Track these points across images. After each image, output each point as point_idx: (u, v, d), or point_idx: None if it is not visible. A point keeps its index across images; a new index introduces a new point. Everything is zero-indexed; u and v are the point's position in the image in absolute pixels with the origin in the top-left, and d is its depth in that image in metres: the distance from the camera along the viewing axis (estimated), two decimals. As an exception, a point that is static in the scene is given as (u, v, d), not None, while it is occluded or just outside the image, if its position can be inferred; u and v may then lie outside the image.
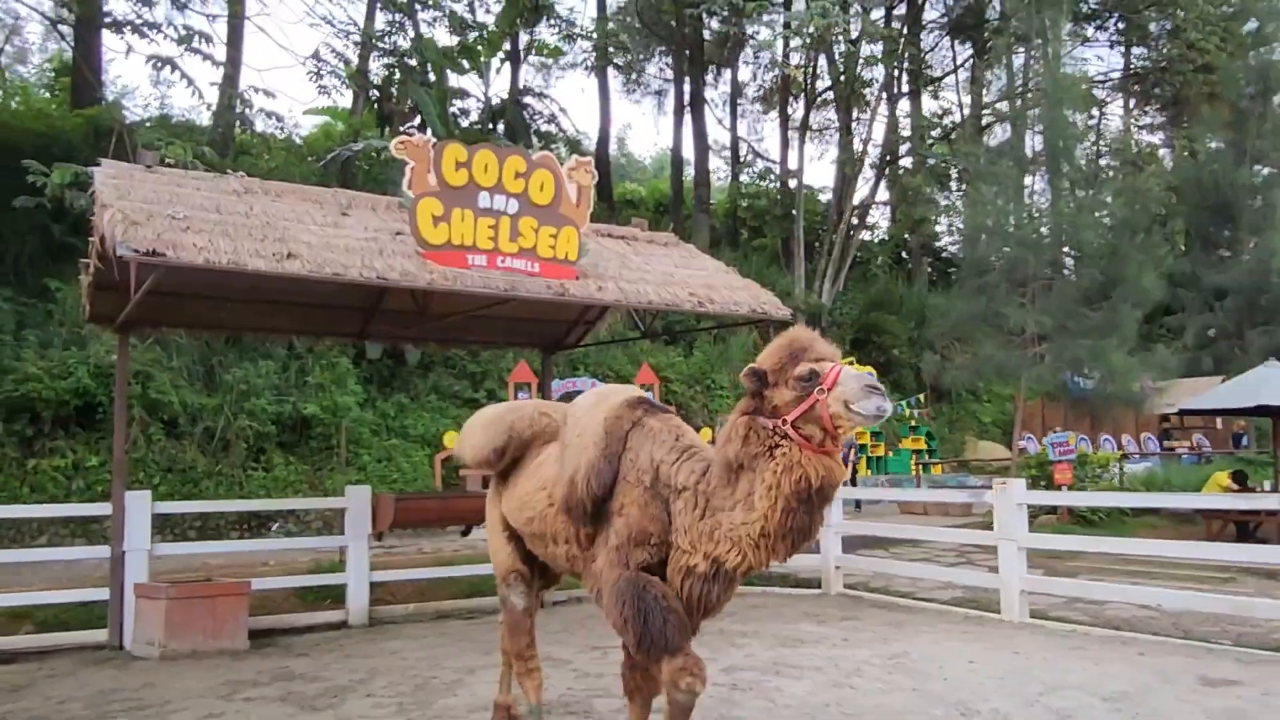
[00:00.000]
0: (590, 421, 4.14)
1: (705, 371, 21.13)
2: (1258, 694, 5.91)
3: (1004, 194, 19.45)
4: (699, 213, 25.22)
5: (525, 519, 4.49)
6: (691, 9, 21.56)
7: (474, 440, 4.87)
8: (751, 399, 3.56)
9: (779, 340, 3.60)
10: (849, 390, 3.31)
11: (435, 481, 16.50)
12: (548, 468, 4.38)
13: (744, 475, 3.53)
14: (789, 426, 3.37)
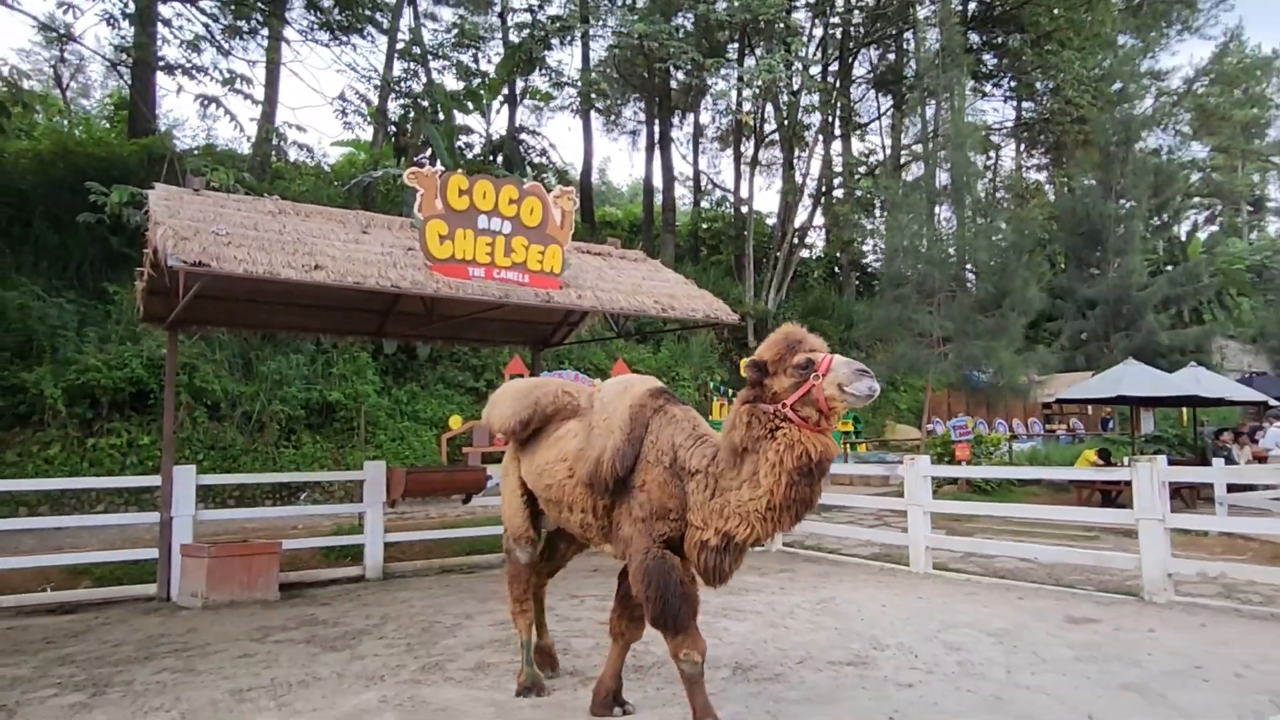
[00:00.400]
0: (617, 407, 4.01)
1: (670, 366, 21.14)
2: (1110, 629, 6.06)
3: (916, 220, 19.56)
4: (665, 233, 25.20)
5: (544, 485, 4.32)
6: (660, 63, 21.54)
7: (503, 410, 4.57)
8: (751, 389, 3.48)
9: (776, 335, 3.52)
10: (842, 375, 3.27)
11: (441, 457, 16.38)
12: (568, 442, 4.21)
13: (748, 458, 3.45)
14: (789, 410, 3.32)
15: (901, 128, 29.46)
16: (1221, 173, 42.73)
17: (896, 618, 6.52)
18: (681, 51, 20.20)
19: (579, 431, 4.18)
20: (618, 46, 23.79)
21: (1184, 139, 37.09)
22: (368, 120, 23.01)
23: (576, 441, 4.14)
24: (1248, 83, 40.10)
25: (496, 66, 23.78)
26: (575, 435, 4.18)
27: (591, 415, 4.18)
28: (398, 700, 4.52)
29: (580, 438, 4.14)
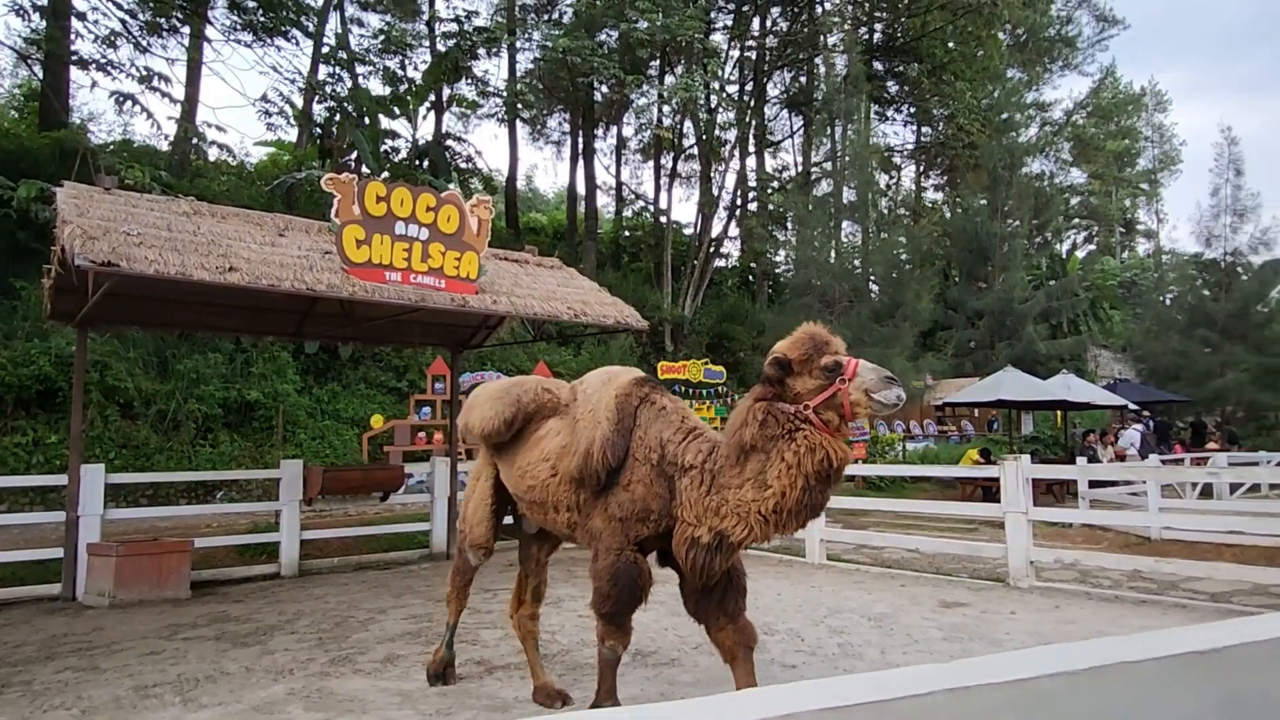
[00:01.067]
0: (602, 398, 3.75)
1: (590, 367, 21.07)
2: (978, 612, 6.48)
3: (823, 235, 20.29)
4: (588, 240, 25.29)
5: (526, 487, 3.97)
6: (583, 77, 21.65)
7: (484, 412, 4.12)
8: (770, 386, 3.27)
9: (801, 334, 3.30)
10: (869, 381, 3.12)
11: (362, 456, 16.08)
12: (550, 440, 3.91)
13: (754, 456, 3.24)
14: (810, 412, 3.13)
15: (812, 146, 30.35)
16: (1097, 198, 45.47)
17: (789, 605, 6.79)
18: (604, 67, 20.35)
19: (560, 429, 3.92)
20: (543, 60, 23.79)
21: (1064, 166, 39.37)
22: (290, 122, 22.34)
23: (559, 439, 3.87)
24: (1120, 117, 42.87)
25: (423, 74, 23.43)
26: (557, 433, 3.91)
27: (576, 409, 3.91)
28: (305, 692, 4.52)
29: (562, 435, 3.88)
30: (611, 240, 29.32)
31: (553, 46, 21.04)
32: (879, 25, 27.54)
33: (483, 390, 4.44)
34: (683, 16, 20.34)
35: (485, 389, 4.42)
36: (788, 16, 26.18)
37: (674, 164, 27.04)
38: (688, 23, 19.94)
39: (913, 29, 24.80)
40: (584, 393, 3.95)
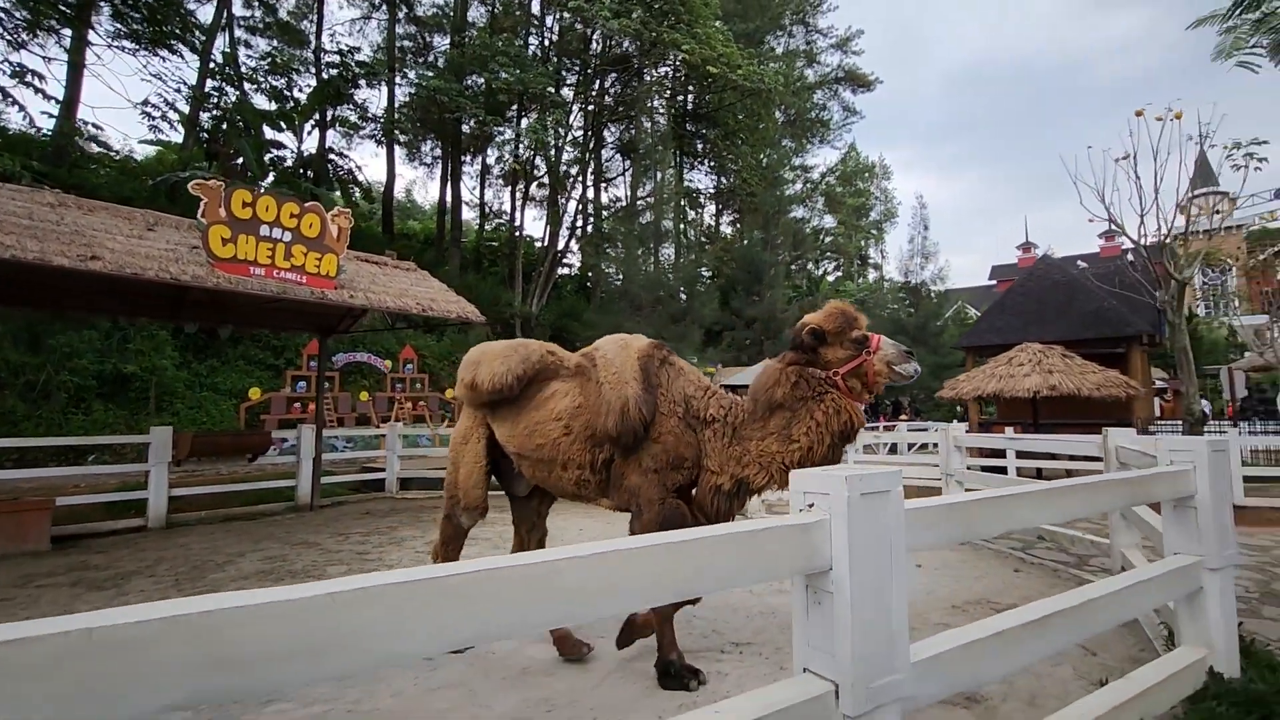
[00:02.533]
0: (624, 361, 3.29)
1: (450, 352, 20.66)
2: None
3: (644, 254, 20.93)
4: (453, 247, 24.51)
5: (534, 445, 3.39)
6: (450, 114, 20.88)
7: (494, 368, 3.50)
8: (802, 353, 3.02)
9: (833, 308, 3.08)
10: (890, 354, 2.97)
11: (240, 423, 14.79)
12: (559, 401, 3.39)
13: (779, 413, 2.99)
14: (839, 378, 2.95)
15: (638, 184, 31.01)
16: (842, 238, 49.96)
17: (588, 538, 7.07)
18: (469, 107, 19.77)
19: (569, 390, 3.41)
20: (416, 95, 22.68)
21: (819, 213, 42.88)
22: (172, 125, 19.87)
23: (568, 400, 3.37)
24: (858, 180, 47.30)
25: (309, 95, 21.64)
26: (565, 394, 3.41)
27: (595, 373, 3.36)
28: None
29: (572, 396, 3.38)
30: (475, 248, 28.51)
31: (425, 86, 20.09)
32: (690, 96, 28.64)
33: (485, 349, 3.72)
34: (535, 73, 20.15)
35: (487, 348, 3.72)
36: (620, 81, 26.58)
37: (525, 190, 26.73)
38: (538, 78, 19.77)
39: (713, 102, 26.04)
40: (603, 357, 3.38)
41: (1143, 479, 2.68)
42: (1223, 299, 34.17)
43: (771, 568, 1.56)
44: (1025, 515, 2.12)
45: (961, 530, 1.90)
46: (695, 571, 1.46)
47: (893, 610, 1.65)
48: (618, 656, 3.73)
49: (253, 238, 6.72)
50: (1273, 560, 6.27)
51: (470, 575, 1.18)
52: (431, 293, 8.67)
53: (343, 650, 1.06)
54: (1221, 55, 4.21)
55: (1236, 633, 2.93)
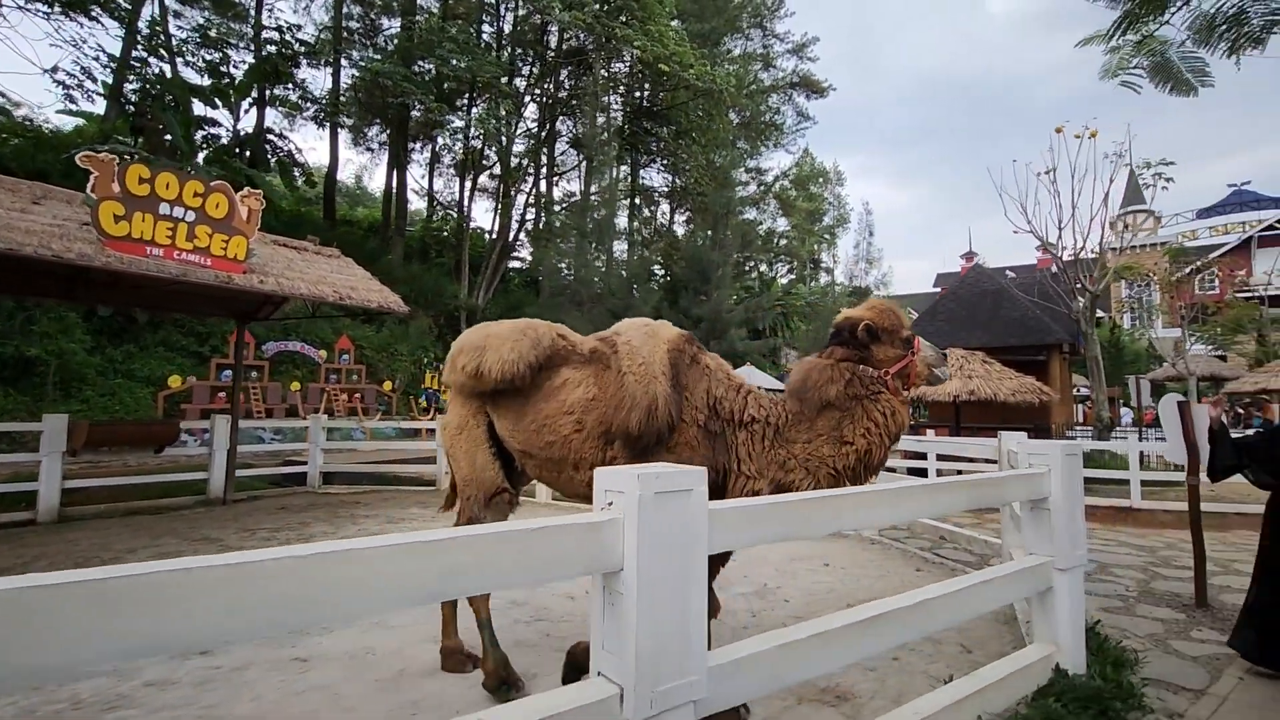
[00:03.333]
0: (653, 352, 2.93)
1: (390, 343, 20.13)
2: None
3: (596, 249, 20.78)
4: (397, 235, 23.87)
5: (544, 443, 2.97)
6: (395, 99, 20.30)
7: (503, 354, 3.01)
8: (854, 350, 2.86)
9: (884, 305, 2.97)
10: (930, 356, 2.94)
11: (157, 413, 14.06)
12: (571, 391, 2.97)
13: (828, 414, 2.78)
14: (890, 378, 2.81)
15: (591, 180, 30.83)
16: (795, 241, 50.79)
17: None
18: (414, 93, 19.26)
19: (581, 380, 2.99)
20: (361, 79, 21.98)
21: (773, 216, 43.46)
22: (88, 96, 18.73)
23: (581, 390, 2.95)
24: (811, 185, 48.16)
25: (245, 72, 20.72)
26: (578, 384, 2.98)
27: (618, 360, 2.95)
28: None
29: (585, 386, 2.96)
30: (422, 238, 27.86)
31: (369, 69, 19.48)
32: (645, 93, 28.58)
33: (488, 332, 3.20)
34: (485, 62, 19.77)
35: (490, 330, 3.21)
36: (574, 76, 26.33)
37: (475, 180, 26.23)
38: (488, 67, 19.40)
39: (666, 100, 26.05)
40: (627, 344, 3.00)
41: (992, 481, 2.74)
42: (1145, 312, 36.08)
43: (558, 567, 1.50)
44: (857, 516, 2.12)
45: (780, 530, 1.88)
46: (468, 570, 1.39)
47: (690, 613, 1.61)
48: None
49: (150, 216, 6.35)
50: (1158, 560, 6.61)
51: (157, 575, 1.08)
52: (352, 280, 8.38)
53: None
54: (1107, 74, 4.36)
55: (1083, 630, 3.03)
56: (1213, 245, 40.68)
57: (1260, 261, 38.50)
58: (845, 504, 2.04)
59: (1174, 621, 4.71)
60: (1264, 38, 3.86)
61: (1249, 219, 43.20)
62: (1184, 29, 4.04)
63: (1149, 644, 4.29)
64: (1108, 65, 4.36)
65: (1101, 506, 8.80)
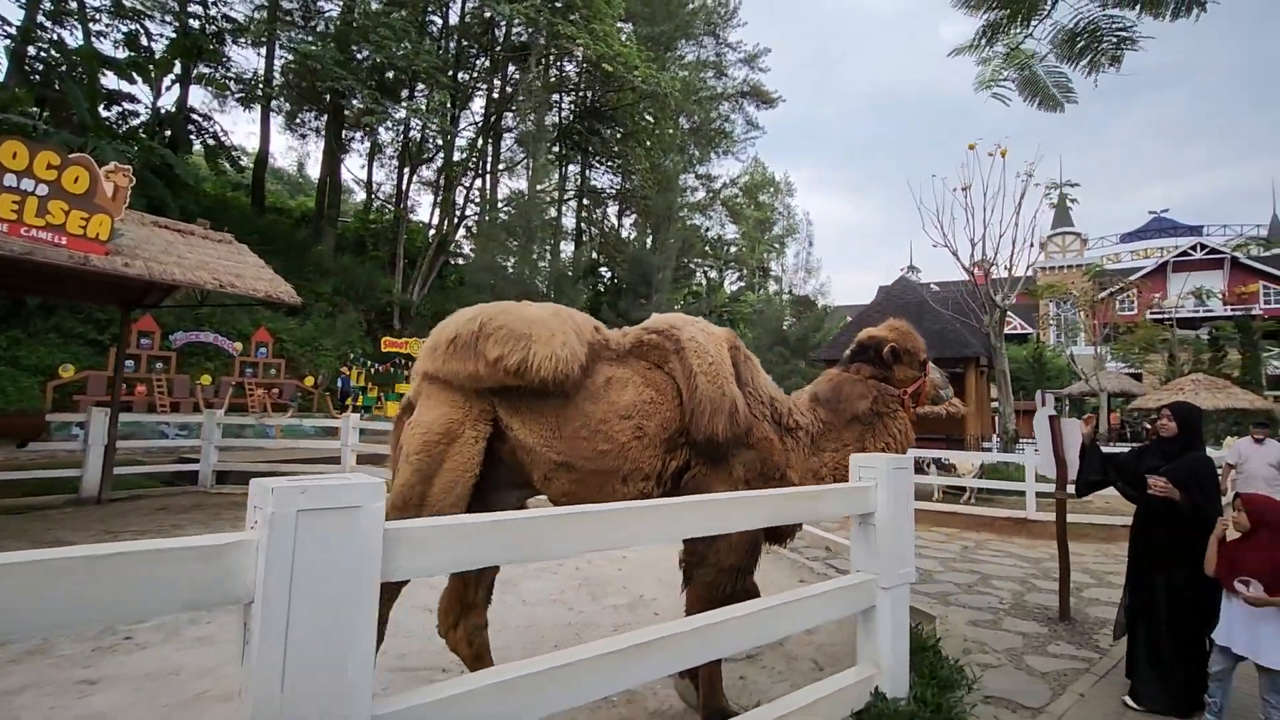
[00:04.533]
0: (719, 350, 2.77)
1: (315, 337, 19.27)
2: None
3: (542, 247, 20.40)
4: (327, 226, 22.92)
5: (596, 452, 2.56)
6: (326, 83, 19.46)
7: (555, 348, 2.53)
8: (879, 368, 3.04)
9: (907, 330, 3.17)
10: (937, 378, 3.24)
11: (45, 404, 13.05)
12: (621, 392, 2.65)
13: (854, 426, 2.97)
14: (906, 396, 3.06)
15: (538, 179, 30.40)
16: (745, 249, 51.31)
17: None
18: (347, 79, 18.53)
19: (628, 379, 2.69)
20: (294, 63, 21.05)
21: (721, 222, 43.79)
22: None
23: (632, 392, 2.65)
24: (761, 194, 48.74)
25: (166, 46, 19.58)
26: (627, 384, 2.67)
27: (681, 360, 2.71)
28: None
29: (635, 387, 2.67)
30: (358, 230, 26.91)
31: (301, 52, 18.63)
32: (593, 93, 28.32)
33: (525, 315, 2.64)
34: (425, 52, 19.19)
35: (526, 313, 2.66)
36: (521, 71, 25.88)
37: (413, 173, 25.50)
38: (424, 55, 18.82)
39: (613, 101, 25.86)
40: (693, 342, 2.75)
41: (806, 494, 2.59)
42: (1068, 330, 37.80)
43: (158, 599, 1.24)
44: (607, 536, 1.91)
45: (499, 552, 1.66)
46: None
47: (351, 654, 1.37)
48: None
49: (-9, 187, 5.76)
50: (1039, 572, 6.71)
51: None
52: (239, 268, 7.86)
53: None
54: (981, 86, 4.35)
55: (906, 651, 2.92)
56: (1134, 268, 43.03)
57: (1174, 285, 40.88)
58: (589, 523, 1.83)
59: (1035, 635, 4.73)
60: (1119, 55, 3.89)
61: (1166, 244, 45.90)
62: (1047, 42, 4.05)
63: (1004, 659, 4.27)
64: (981, 76, 4.34)
65: (999, 518, 8.97)
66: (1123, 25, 3.66)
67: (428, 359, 2.67)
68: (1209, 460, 3.56)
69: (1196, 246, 43.77)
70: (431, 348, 2.68)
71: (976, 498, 10.22)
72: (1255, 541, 3.05)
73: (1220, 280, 42.17)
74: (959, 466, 9.89)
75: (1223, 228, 46.27)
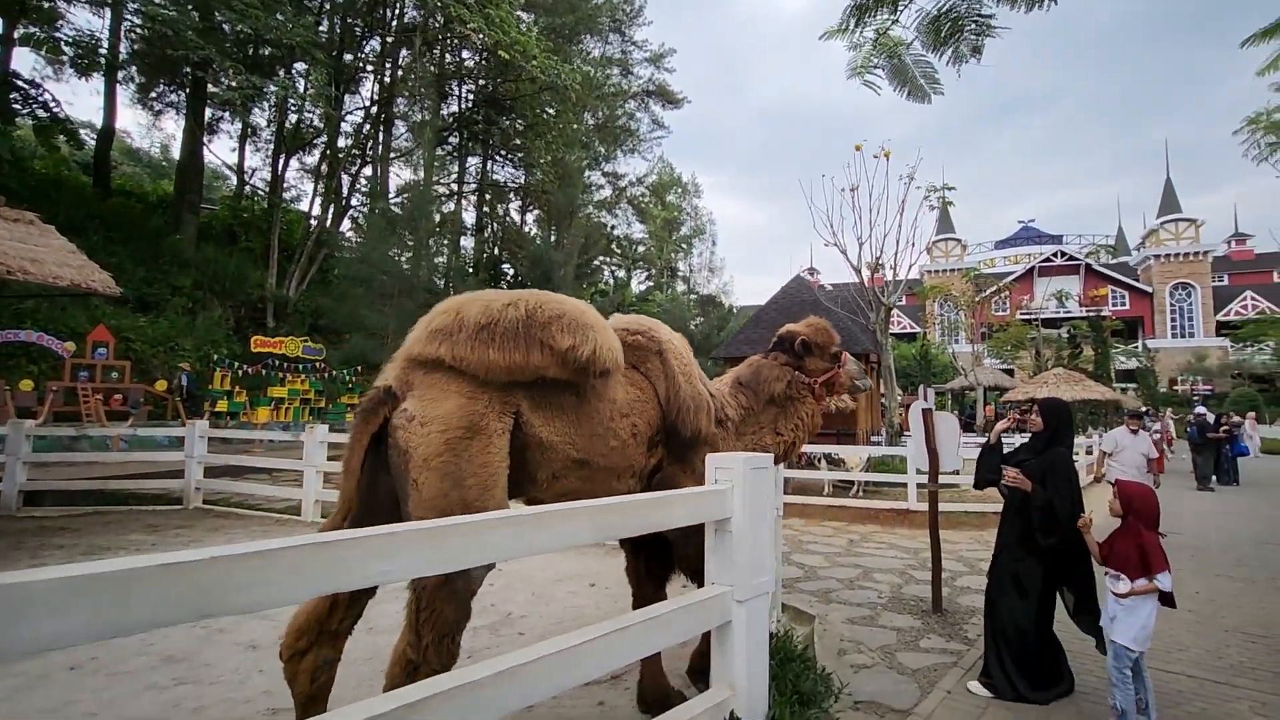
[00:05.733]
0: (687, 351, 3.09)
1: (171, 336, 17.28)
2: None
3: (439, 241, 19.27)
4: (188, 213, 20.64)
5: (607, 448, 2.58)
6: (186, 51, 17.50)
7: (613, 340, 2.55)
8: (793, 358, 3.33)
9: (821, 325, 3.44)
10: (853, 370, 3.49)
11: None
12: (616, 390, 2.68)
13: (770, 409, 3.26)
14: (817, 385, 3.33)
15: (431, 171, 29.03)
16: (653, 249, 51.60)
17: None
18: (207, 49, 16.76)
19: (618, 378, 2.74)
20: (141, 26, 18.85)
21: (628, 221, 43.79)
22: None
23: (623, 390, 2.73)
24: (667, 194, 49.21)
25: (-23, -1, 16.97)
26: (619, 382, 2.72)
27: (663, 362, 2.94)
28: None
29: (624, 385, 2.75)
30: (229, 219, 24.62)
31: (149, 15, 16.65)
32: (491, 83, 27.32)
33: (565, 301, 2.51)
34: (296, 24, 17.70)
35: (567, 304, 2.51)
36: (413, 55, 24.56)
37: (287, 158, 23.61)
38: (298, 30, 17.36)
39: (511, 91, 25.06)
40: (671, 344, 3.01)
41: (646, 502, 2.29)
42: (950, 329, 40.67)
43: None
44: (322, 575, 1.46)
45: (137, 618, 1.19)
46: None
47: None
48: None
49: None
50: (917, 563, 6.84)
51: None
52: (38, 252, 6.73)
53: None
54: (853, 72, 4.28)
55: (765, 669, 2.69)
56: (1006, 272, 46.96)
57: (1040, 288, 44.96)
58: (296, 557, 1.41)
59: (909, 630, 4.72)
60: (980, 45, 3.90)
61: (1033, 251, 50.50)
62: (913, 29, 4.00)
63: (878, 657, 4.20)
64: (852, 63, 4.25)
65: (883, 510, 9.22)
66: (980, 13, 3.65)
67: (437, 344, 2.35)
68: (1067, 456, 3.61)
69: (1058, 254, 48.42)
70: (445, 332, 2.37)
71: (864, 490, 10.51)
72: (1126, 527, 3.12)
73: (1077, 284, 46.83)
74: (847, 460, 10.12)
75: (1079, 236, 51.38)
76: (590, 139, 32.77)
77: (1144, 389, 35.28)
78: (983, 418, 23.86)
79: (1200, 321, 43.61)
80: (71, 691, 3.34)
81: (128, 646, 3.87)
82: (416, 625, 2.24)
